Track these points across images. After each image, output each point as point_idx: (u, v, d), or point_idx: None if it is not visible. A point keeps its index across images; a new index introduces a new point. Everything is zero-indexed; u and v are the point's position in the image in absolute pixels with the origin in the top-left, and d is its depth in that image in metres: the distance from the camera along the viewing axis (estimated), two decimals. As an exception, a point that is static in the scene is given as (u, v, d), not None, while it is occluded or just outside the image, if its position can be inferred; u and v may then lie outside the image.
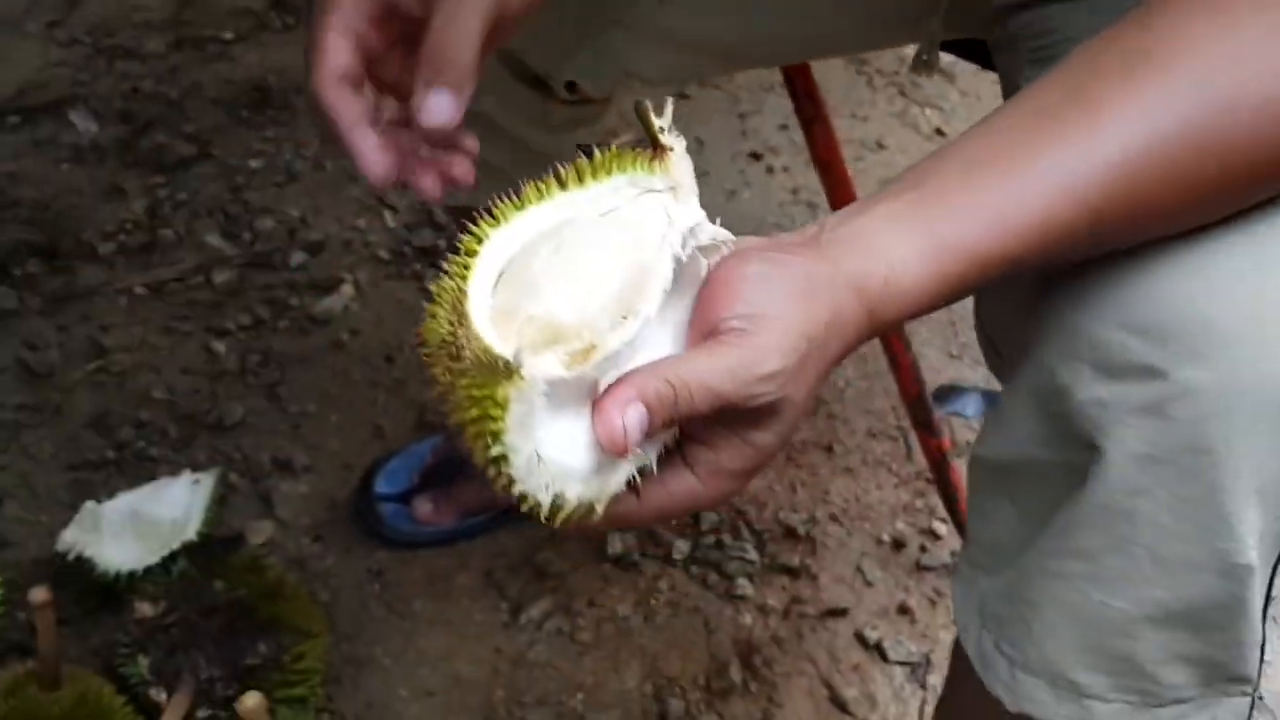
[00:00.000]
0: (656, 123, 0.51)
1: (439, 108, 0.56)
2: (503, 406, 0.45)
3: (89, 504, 1.12)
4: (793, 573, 1.21)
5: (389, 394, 1.34)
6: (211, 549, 1.04)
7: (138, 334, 1.37)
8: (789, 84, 1.05)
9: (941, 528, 1.25)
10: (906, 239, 0.49)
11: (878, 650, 1.16)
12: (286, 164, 1.58)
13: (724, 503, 0.48)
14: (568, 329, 0.46)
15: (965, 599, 0.64)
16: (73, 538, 1.09)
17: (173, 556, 1.02)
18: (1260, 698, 0.63)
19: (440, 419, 1.27)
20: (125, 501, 1.14)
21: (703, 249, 0.50)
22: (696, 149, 1.66)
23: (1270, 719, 1.11)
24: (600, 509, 0.48)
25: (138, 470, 1.23)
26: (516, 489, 0.46)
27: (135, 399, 1.30)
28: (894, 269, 0.49)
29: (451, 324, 0.46)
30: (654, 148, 0.51)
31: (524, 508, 0.47)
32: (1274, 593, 0.57)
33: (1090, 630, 0.57)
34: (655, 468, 0.49)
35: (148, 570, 1.02)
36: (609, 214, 0.50)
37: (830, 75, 1.72)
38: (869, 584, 1.21)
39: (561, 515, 0.47)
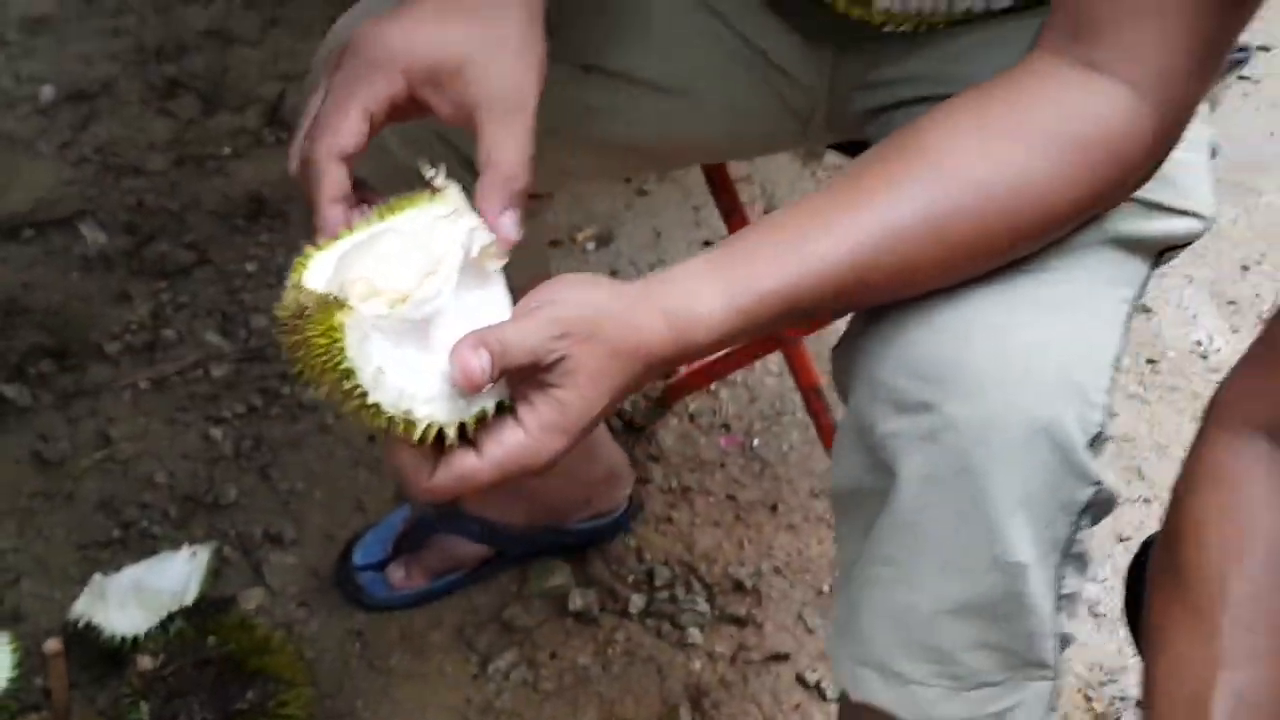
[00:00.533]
0: (429, 172, 0.65)
1: (511, 227, 0.66)
2: (340, 331, 0.58)
3: (96, 576, 1.25)
4: (740, 622, 1.32)
5: (370, 471, 1.46)
6: (206, 611, 1.16)
7: (142, 425, 1.50)
8: (709, 181, 1.19)
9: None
10: (711, 280, 0.64)
11: (817, 690, 1.26)
12: (279, 267, 1.73)
13: (552, 460, 0.58)
14: (384, 289, 0.60)
15: (834, 616, 0.76)
16: (82, 608, 1.21)
17: (171, 618, 1.13)
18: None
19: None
20: (129, 574, 1.26)
21: (484, 246, 0.65)
22: (654, 239, 1.81)
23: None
24: (451, 433, 0.60)
25: (141, 547, 1.35)
26: (370, 400, 0.59)
27: (139, 483, 1.43)
28: (697, 300, 0.63)
29: (295, 297, 0.60)
30: (429, 188, 0.66)
31: (378, 424, 0.60)
32: (1066, 590, 0.69)
33: (904, 626, 0.69)
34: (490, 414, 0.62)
35: (148, 632, 1.14)
36: (413, 227, 0.64)
37: (779, 169, 1.88)
38: (809, 631, 1.32)
39: (416, 432, 0.59)
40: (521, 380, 0.62)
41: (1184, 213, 0.75)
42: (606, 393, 0.62)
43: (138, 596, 1.20)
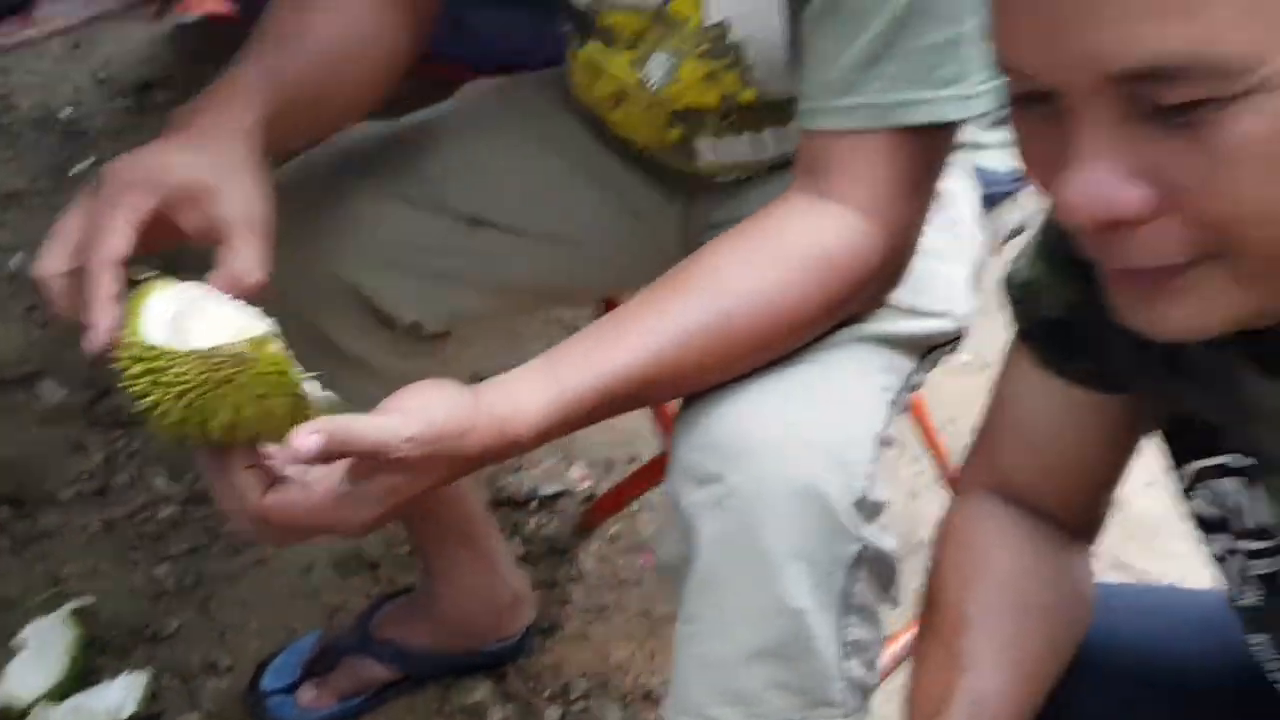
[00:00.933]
0: (146, 274, 0.75)
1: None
2: (138, 314, 0.70)
3: (38, 706, 1.32)
4: (649, 728, 1.40)
5: (304, 601, 1.55)
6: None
7: (91, 565, 1.60)
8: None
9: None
10: (532, 380, 0.76)
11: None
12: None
13: (367, 526, 0.70)
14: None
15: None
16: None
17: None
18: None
19: (331, 610, 1.50)
20: (70, 702, 1.34)
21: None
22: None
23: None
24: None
25: (87, 678, 1.42)
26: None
27: (86, 619, 1.51)
28: (520, 399, 0.75)
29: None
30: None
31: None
32: (852, 638, 0.80)
33: (712, 674, 0.79)
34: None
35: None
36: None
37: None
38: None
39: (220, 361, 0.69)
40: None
41: (939, 315, 0.89)
42: (428, 484, 0.74)
43: (75, 718, 1.28)
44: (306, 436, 0.68)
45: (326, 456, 0.69)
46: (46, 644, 1.39)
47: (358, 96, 0.98)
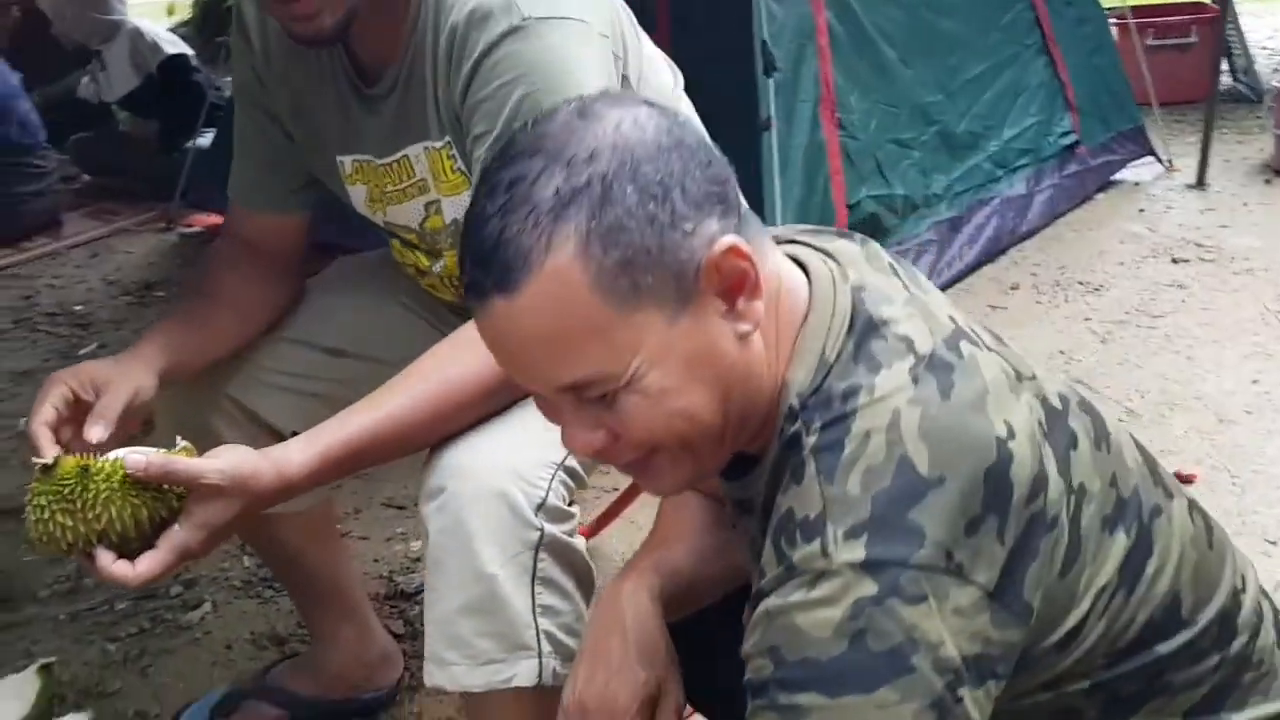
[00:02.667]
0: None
1: (97, 433, 1.19)
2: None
3: (4, 735, 1.70)
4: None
5: (224, 667, 1.93)
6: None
7: (56, 644, 1.99)
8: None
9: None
10: (303, 440, 1.17)
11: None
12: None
13: (200, 551, 1.12)
14: None
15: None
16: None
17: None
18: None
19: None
20: (29, 734, 1.71)
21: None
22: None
23: None
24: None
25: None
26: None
27: (49, 680, 1.89)
28: (292, 451, 1.16)
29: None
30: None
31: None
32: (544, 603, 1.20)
33: (439, 628, 1.19)
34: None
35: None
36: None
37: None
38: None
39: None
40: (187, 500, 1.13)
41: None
42: (234, 513, 1.13)
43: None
44: (131, 453, 1.12)
45: (152, 475, 1.10)
46: (19, 691, 1.77)
47: (240, 340, 1.49)
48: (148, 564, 1.11)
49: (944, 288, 3.30)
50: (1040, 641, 0.86)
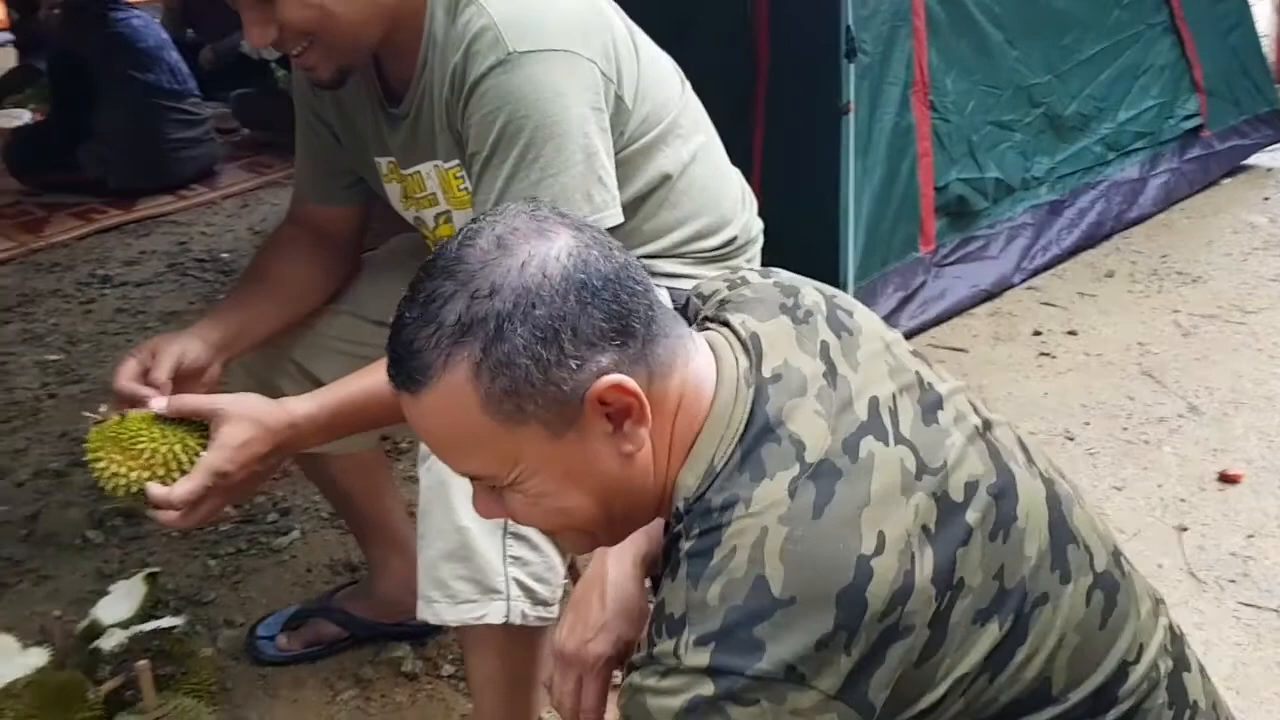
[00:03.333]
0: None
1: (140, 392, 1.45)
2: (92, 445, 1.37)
3: (112, 628, 2.01)
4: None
5: (304, 589, 2.21)
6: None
7: (167, 556, 2.30)
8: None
9: None
10: (312, 394, 1.40)
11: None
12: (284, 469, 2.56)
13: (230, 469, 1.34)
14: None
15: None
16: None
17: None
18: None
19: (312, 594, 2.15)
20: (132, 629, 2.02)
21: None
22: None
23: None
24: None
25: (146, 618, 2.10)
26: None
27: (154, 586, 2.20)
28: (300, 400, 1.39)
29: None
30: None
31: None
32: (514, 554, 1.39)
33: (426, 571, 1.39)
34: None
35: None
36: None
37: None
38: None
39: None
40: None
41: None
42: (245, 437, 1.35)
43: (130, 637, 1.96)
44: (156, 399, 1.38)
45: (174, 410, 1.38)
46: (125, 595, 2.09)
47: (294, 314, 1.71)
48: (185, 485, 1.34)
49: (1035, 273, 3.33)
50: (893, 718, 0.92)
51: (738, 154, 3.08)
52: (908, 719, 0.93)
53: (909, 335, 2.97)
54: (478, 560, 1.40)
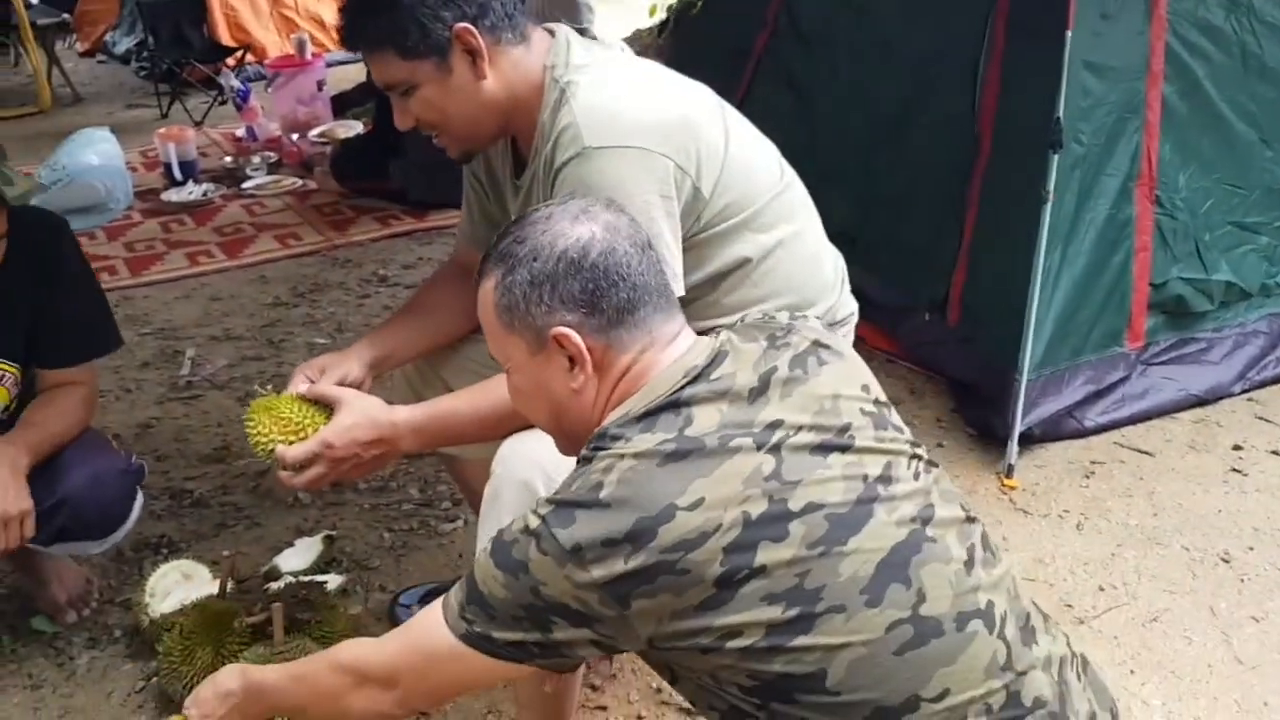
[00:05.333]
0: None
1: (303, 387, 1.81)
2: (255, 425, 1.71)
3: (288, 575, 2.38)
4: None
5: (453, 571, 2.50)
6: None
7: (352, 524, 2.67)
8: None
9: None
10: (415, 405, 1.67)
11: None
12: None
13: (338, 445, 1.68)
14: None
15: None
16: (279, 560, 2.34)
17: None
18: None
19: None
20: (305, 578, 2.38)
21: None
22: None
23: None
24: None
25: (319, 572, 2.47)
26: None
27: (331, 547, 2.57)
28: (404, 408, 1.67)
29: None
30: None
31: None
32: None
33: (481, 549, 1.63)
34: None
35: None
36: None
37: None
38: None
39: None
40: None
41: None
42: (353, 420, 1.66)
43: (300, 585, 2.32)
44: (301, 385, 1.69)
45: (311, 393, 1.70)
46: (306, 549, 2.46)
47: (447, 337, 2.01)
48: (299, 449, 1.68)
49: (1260, 385, 3.14)
50: (674, 641, 1.18)
51: (951, 231, 3.18)
52: (702, 644, 1.16)
53: (1098, 431, 2.92)
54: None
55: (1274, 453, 2.84)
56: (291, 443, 1.70)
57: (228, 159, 5.67)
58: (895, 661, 1.16)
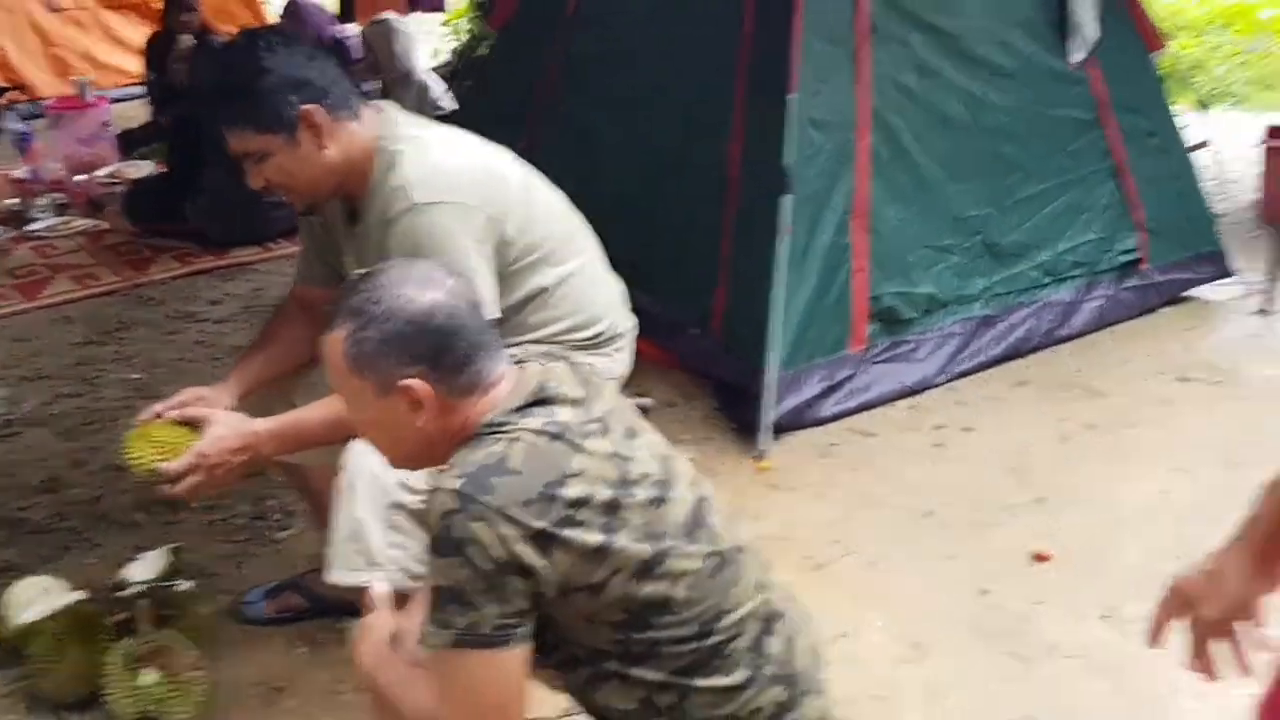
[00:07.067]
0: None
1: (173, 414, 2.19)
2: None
3: (134, 587, 2.66)
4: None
5: (290, 572, 2.84)
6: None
7: (191, 539, 2.96)
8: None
9: None
10: (272, 419, 2.05)
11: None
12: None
13: (211, 454, 1.98)
14: None
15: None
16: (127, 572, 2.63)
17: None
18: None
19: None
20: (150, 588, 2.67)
21: None
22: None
23: None
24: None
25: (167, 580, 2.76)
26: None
27: (181, 566, 2.86)
28: (265, 420, 2.04)
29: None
30: None
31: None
32: (395, 542, 2.00)
33: (334, 547, 2.04)
34: None
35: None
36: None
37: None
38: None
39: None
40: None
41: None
42: (222, 432, 2.01)
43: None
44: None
45: (181, 416, 2.04)
46: (152, 561, 2.74)
47: (295, 365, 2.35)
48: (177, 462, 2.00)
49: (958, 376, 3.84)
50: (577, 582, 1.44)
51: (711, 257, 3.73)
52: (586, 585, 1.43)
53: (830, 419, 3.54)
54: (368, 543, 2.01)
55: (966, 430, 3.52)
56: (168, 458, 2.02)
57: (9, 201, 5.70)
58: (711, 584, 1.51)
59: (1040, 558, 2.83)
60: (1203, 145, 4.60)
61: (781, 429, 3.43)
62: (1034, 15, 4.01)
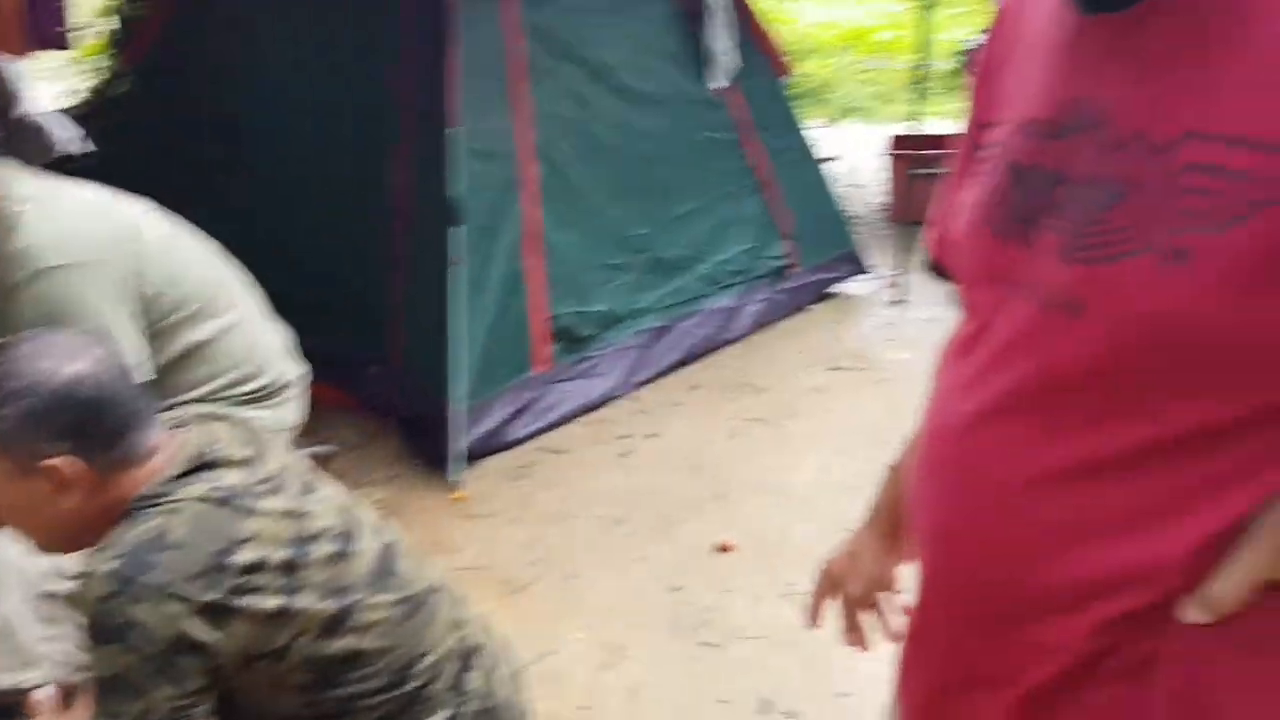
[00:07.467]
0: None
1: None
2: None
3: None
4: None
5: None
6: None
7: None
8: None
9: None
10: None
11: None
12: None
13: None
14: None
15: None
16: None
17: None
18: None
19: None
20: None
21: None
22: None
23: None
24: None
25: None
26: None
27: None
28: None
29: None
30: None
31: None
32: (49, 635, 1.91)
33: None
34: None
35: None
36: None
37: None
38: None
39: None
40: None
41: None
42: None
43: None
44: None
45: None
46: None
47: None
48: None
49: (639, 386, 4.05)
50: (260, 649, 1.38)
51: (381, 291, 3.74)
52: (278, 644, 1.38)
53: (520, 442, 3.64)
54: (16, 640, 1.91)
55: (649, 436, 3.73)
56: None
57: None
58: (402, 630, 1.49)
59: (724, 548, 3.05)
60: (835, 158, 5.10)
61: (474, 456, 3.50)
62: (676, 48, 4.32)
